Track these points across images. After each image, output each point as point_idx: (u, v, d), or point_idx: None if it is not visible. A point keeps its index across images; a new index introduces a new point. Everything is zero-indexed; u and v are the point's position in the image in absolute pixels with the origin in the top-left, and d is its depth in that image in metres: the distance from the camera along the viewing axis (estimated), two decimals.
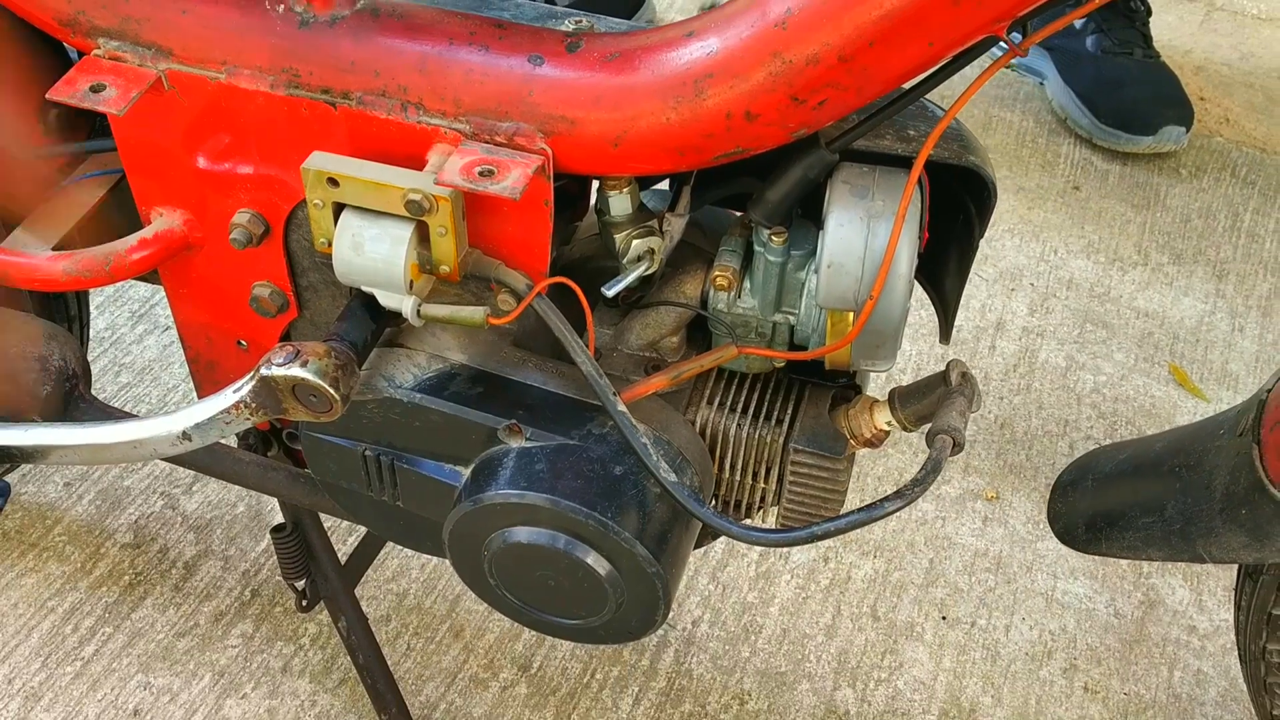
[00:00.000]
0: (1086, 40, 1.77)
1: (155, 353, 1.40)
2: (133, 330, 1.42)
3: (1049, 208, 1.67)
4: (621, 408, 0.70)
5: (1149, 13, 1.79)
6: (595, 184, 0.74)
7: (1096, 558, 1.23)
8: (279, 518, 1.21)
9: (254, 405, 0.70)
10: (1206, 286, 1.56)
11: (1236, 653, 1.16)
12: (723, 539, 1.16)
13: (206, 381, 0.89)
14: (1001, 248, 1.60)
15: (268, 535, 1.22)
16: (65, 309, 0.97)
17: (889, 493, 0.64)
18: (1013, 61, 0.62)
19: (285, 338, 0.83)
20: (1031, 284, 1.55)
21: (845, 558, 1.23)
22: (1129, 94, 1.72)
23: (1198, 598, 1.21)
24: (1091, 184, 1.72)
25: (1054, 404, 1.40)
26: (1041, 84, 1.86)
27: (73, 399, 0.82)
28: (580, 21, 0.72)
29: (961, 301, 0.78)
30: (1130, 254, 1.61)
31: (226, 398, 0.70)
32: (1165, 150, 1.73)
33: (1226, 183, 1.73)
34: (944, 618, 1.19)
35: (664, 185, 0.84)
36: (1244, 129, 1.84)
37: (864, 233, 0.65)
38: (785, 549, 1.22)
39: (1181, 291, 1.55)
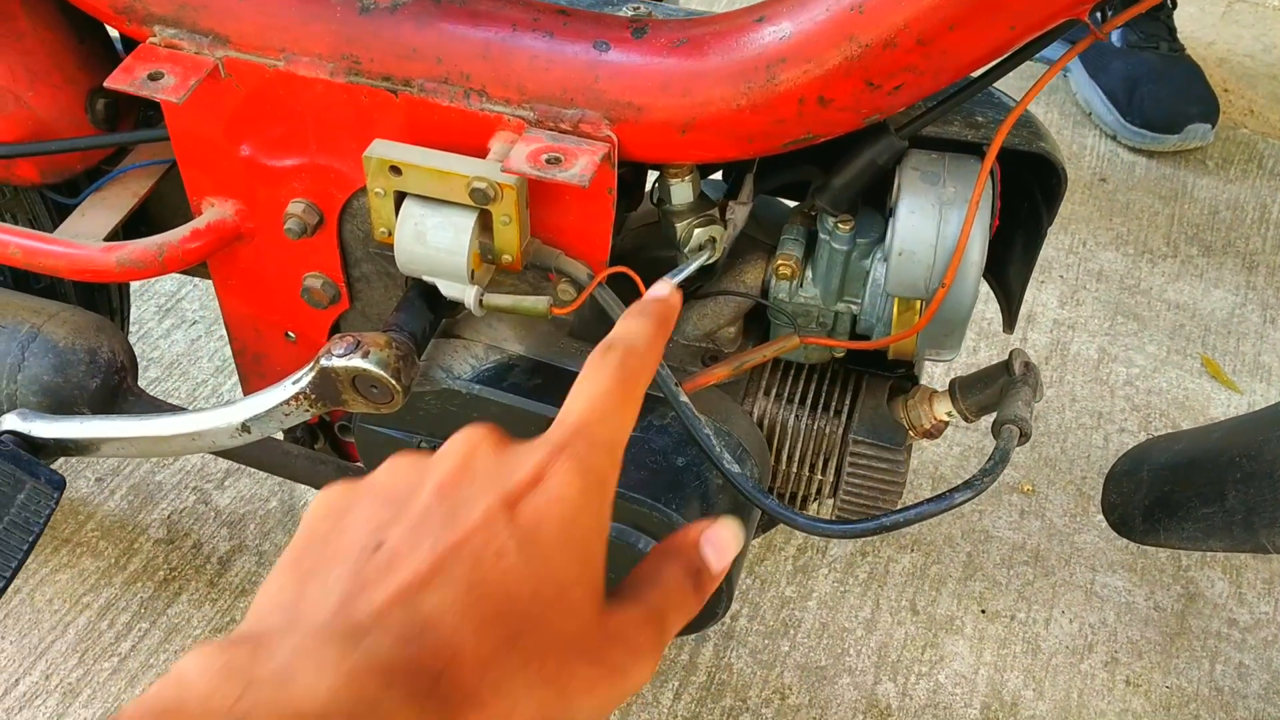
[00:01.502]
0: (1112, 34, 1.76)
1: (183, 347, 1.39)
2: (160, 325, 1.41)
3: (1076, 199, 1.66)
4: (684, 399, 0.70)
5: (1174, 6, 1.78)
6: (654, 173, 0.73)
7: (1135, 551, 1.23)
8: None
9: (314, 397, 0.69)
10: (1237, 278, 1.56)
11: None
12: (769, 530, 1.15)
13: (252, 374, 0.88)
14: None
15: None
16: (109, 300, 0.96)
17: (957, 484, 0.64)
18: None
19: (334, 329, 0.82)
20: (1061, 276, 1.55)
21: (883, 552, 1.22)
22: (1154, 91, 1.71)
23: (1237, 590, 1.20)
24: (1118, 176, 1.71)
25: (1087, 396, 1.39)
26: (1066, 75, 1.85)
27: (121, 391, 0.81)
28: (639, 8, 0.71)
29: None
30: (1159, 246, 1.60)
31: (286, 389, 0.69)
32: (1192, 148, 1.72)
33: (1254, 174, 1.73)
34: (983, 611, 1.18)
35: (716, 175, 0.84)
36: (1269, 121, 1.83)
37: (936, 220, 0.64)
38: (825, 540, 1.22)
39: (1212, 283, 1.55)
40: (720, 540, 0.48)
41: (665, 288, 0.58)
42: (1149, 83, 1.71)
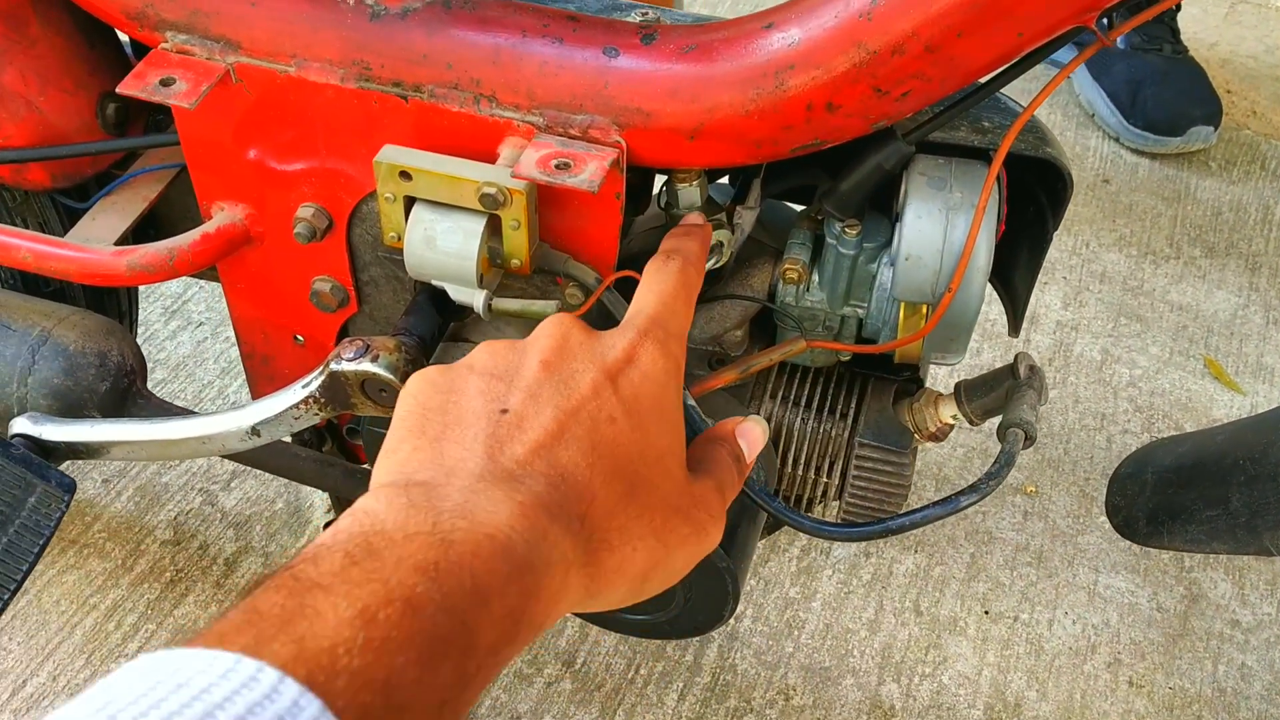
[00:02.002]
0: None
1: (189, 349, 1.39)
2: (166, 326, 1.42)
3: (1079, 201, 1.67)
4: (691, 402, 0.70)
5: (1178, 8, 1.79)
6: (661, 177, 0.73)
7: (1138, 552, 1.23)
8: (319, 513, 1.21)
9: (323, 400, 0.69)
10: (1240, 280, 1.56)
11: None
12: (774, 533, 1.15)
13: (261, 376, 0.88)
14: None
15: (308, 532, 1.21)
16: (117, 304, 0.97)
17: (963, 487, 0.64)
18: None
19: (343, 333, 0.83)
20: (1064, 277, 1.55)
21: (886, 553, 1.23)
22: (1157, 93, 1.71)
23: (1240, 591, 1.21)
24: (1121, 177, 1.71)
25: (1090, 398, 1.40)
26: (1069, 77, 1.85)
27: (130, 395, 0.81)
28: (648, 14, 0.72)
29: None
30: (1162, 247, 1.61)
31: (295, 393, 0.70)
32: (1194, 149, 1.73)
33: (1256, 176, 1.73)
34: (986, 612, 1.18)
35: (723, 179, 0.84)
36: (1271, 122, 1.83)
37: (943, 225, 0.65)
38: (829, 543, 1.22)
39: (1215, 285, 1.55)
40: (750, 434, 0.57)
41: (699, 217, 0.66)
42: (1152, 85, 1.72)
